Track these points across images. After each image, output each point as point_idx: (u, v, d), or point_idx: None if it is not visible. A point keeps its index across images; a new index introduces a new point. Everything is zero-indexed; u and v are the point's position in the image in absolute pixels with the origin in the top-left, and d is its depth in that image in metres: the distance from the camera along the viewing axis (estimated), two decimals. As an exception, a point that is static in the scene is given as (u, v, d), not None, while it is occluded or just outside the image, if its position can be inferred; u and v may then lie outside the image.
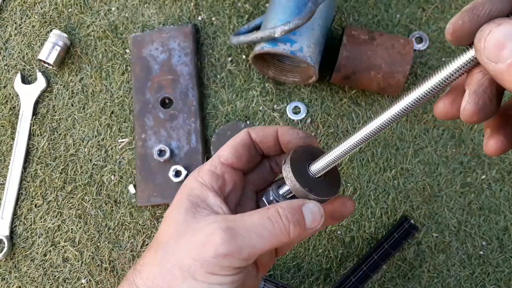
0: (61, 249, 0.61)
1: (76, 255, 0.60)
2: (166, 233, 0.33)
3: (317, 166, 0.34)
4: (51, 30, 0.64)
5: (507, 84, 0.23)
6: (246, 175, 0.39)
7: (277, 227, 0.31)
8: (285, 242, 0.32)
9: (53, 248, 0.61)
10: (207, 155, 0.61)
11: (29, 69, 0.65)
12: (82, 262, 0.60)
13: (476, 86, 0.26)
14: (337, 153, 0.32)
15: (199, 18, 0.66)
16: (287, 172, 0.33)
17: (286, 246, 0.41)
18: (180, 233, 0.32)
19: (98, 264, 0.60)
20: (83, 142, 0.63)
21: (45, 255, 0.61)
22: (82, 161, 0.63)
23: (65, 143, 0.63)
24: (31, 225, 0.62)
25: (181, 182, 0.59)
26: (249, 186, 0.39)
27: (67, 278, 0.60)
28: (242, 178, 0.38)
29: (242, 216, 0.32)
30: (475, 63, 0.25)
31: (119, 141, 0.63)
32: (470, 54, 0.25)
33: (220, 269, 0.30)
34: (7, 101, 0.65)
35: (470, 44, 0.25)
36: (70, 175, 0.62)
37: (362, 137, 0.30)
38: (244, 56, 0.64)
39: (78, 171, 0.62)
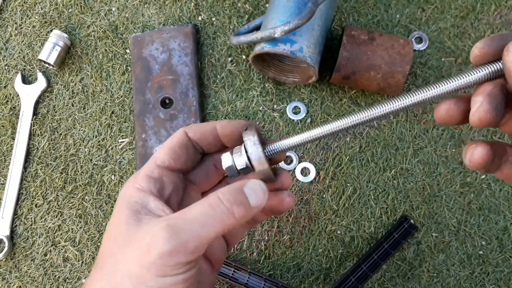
0: (62, 249, 0.61)
1: (76, 255, 0.61)
2: (110, 247, 0.32)
3: (274, 147, 0.34)
4: (51, 30, 0.64)
5: None
6: (188, 176, 0.38)
7: (220, 212, 0.30)
8: (231, 225, 0.30)
9: (53, 248, 0.61)
10: (207, 155, 0.61)
11: (30, 69, 0.66)
12: (82, 262, 0.60)
13: (489, 92, 0.28)
14: (298, 139, 0.33)
15: (199, 18, 0.66)
16: (246, 143, 0.33)
17: (236, 234, 0.40)
18: (124, 243, 0.31)
19: (99, 264, 0.60)
20: (83, 142, 0.63)
21: (45, 255, 0.61)
22: (83, 161, 0.63)
23: (66, 143, 0.63)
24: (31, 225, 0.62)
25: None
26: (193, 187, 0.38)
27: (67, 278, 0.60)
28: (182, 179, 0.37)
29: (183, 211, 0.31)
30: (497, 75, 0.29)
31: (120, 141, 0.63)
32: (496, 66, 0.29)
33: (170, 269, 0.29)
34: (7, 101, 0.65)
35: (494, 60, 0.29)
36: (70, 175, 0.62)
37: (333, 128, 0.32)
38: (244, 56, 0.64)
39: (78, 171, 0.62)
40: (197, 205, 0.31)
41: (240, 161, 0.33)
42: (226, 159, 0.34)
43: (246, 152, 0.33)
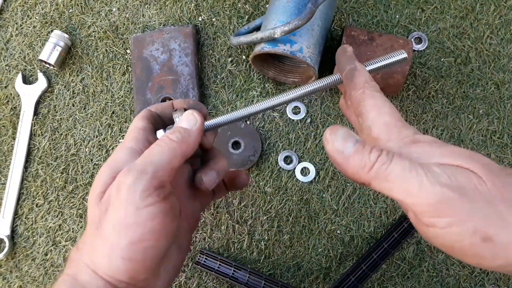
0: (62, 249, 0.61)
1: (77, 254, 0.61)
2: (90, 208, 0.35)
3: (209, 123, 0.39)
4: (52, 31, 0.65)
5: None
6: None
7: (163, 142, 0.35)
8: (177, 148, 0.35)
9: (54, 248, 0.61)
10: (207, 155, 0.62)
11: (30, 70, 0.66)
12: (83, 262, 0.60)
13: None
14: (227, 117, 0.39)
15: (200, 18, 0.66)
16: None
17: (204, 198, 0.44)
18: (100, 201, 0.34)
19: (99, 264, 0.60)
20: (84, 142, 0.63)
21: (46, 254, 0.61)
22: (83, 161, 0.63)
23: (66, 143, 0.64)
24: (32, 224, 0.62)
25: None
26: None
27: (68, 278, 0.60)
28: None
29: (141, 156, 0.35)
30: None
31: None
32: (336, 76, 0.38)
33: (141, 198, 0.32)
34: (8, 101, 0.65)
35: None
36: (71, 175, 0.63)
37: (252, 110, 0.39)
38: (244, 57, 0.65)
39: (79, 171, 0.63)
40: (147, 149, 0.36)
41: None
42: (160, 135, 0.38)
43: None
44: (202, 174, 0.39)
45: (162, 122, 0.41)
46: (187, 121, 0.37)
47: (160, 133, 0.38)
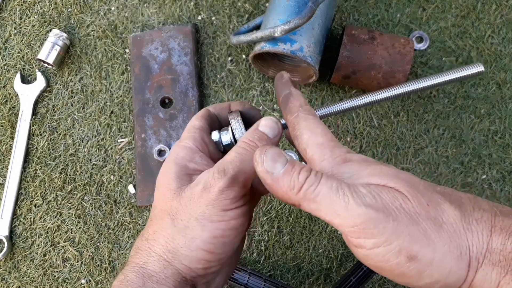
0: (61, 249, 0.61)
1: (75, 255, 0.60)
2: (164, 202, 0.36)
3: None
4: (50, 30, 0.64)
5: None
6: None
7: (250, 148, 0.35)
8: None
9: (52, 248, 0.61)
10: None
11: (29, 69, 0.65)
12: (81, 262, 0.60)
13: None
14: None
15: (199, 17, 0.66)
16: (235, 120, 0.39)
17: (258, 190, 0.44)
18: (178, 196, 0.35)
19: (98, 264, 0.60)
20: (82, 142, 0.63)
21: (44, 255, 0.61)
22: (82, 161, 0.62)
23: (65, 143, 0.63)
24: (30, 225, 0.61)
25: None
26: None
27: (66, 278, 0.60)
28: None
29: (223, 159, 0.36)
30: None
31: (119, 141, 0.63)
32: None
33: (230, 203, 0.34)
34: (6, 101, 0.65)
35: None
36: (69, 175, 0.62)
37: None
38: (244, 56, 0.64)
39: (77, 171, 0.62)
40: (230, 152, 0.36)
41: (226, 138, 0.39)
42: (214, 136, 0.39)
43: (232, 130, 0.38)
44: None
45: (219, 122, 0.41)
46: (271, 128, 0.37)
47: (214, 134, 0.39)
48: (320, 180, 0.29)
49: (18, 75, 0.64)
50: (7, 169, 0.62)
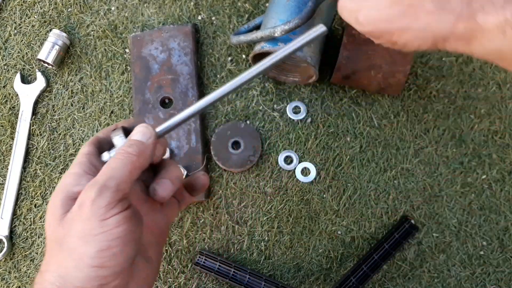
0: (61, 249, 0.61)
1: (75, 255, 0.60)
2: (52, 230, 0.37)
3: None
4: (50, 30, 0.64)
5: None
6: None
7: (121, 157, 0.37)
8: (136, 161, 0.37)
9: (52, 248, 0.61)
10: (206, 155, 0.61)
11: (29, 69, 0.65)
12: (81, 262, 0.60)
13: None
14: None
15: (199, 17, 0.66)
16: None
17: (170, 210, 0.45)
18: (63, 221, 0.36)
19: (98, 264, 0.60)
20: (82, 142, 0.63)
21: (44, 255, 0.61)
22: (82, 161, 0.62)
23: (65, 143, 0.63)
24: (30, 225, 0.61)
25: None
26: None
27: (66, 278, 0.60)
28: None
29: (101, 171, 0.37)
30: None
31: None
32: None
33: (105, 211, 0.34)
34: (6, 101, 0.65)
35: None
36: (69, 175, 0.62)
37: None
38: (244, 56, 0.64)
39: (77, 171, 0.62)
40: (105, 164, 0.37)
41: (113, 155, 0.39)
42: (104, 157, 0.40)
43: (115, 147, 0.39)
44: (155, 184, 0.41)
45: (110, 145, 0.41)
46: (142, 133, 0.39)
47: (105, 155, 0.40)
48: None
49: (18, 75, 0.64)
50: (7, 169, 0.62)
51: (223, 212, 0.61)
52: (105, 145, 0.41)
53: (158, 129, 0.40)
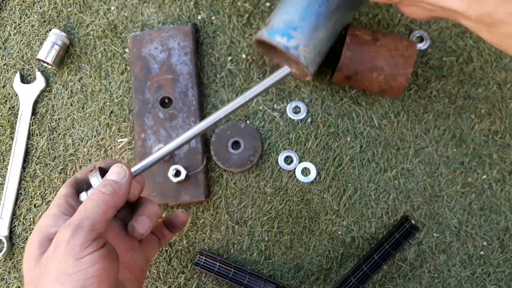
0: (61, 249, 0.61)
1: (75, 255, 0.60)
2: (28, 272, 0.37)
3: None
4: (50, 30, 0.64)
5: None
6: None
7: (96, 197, 0.38)
8: (110, 201, 0.38)
9: (52, 248, 0.61)
10: (206, 155, 0.61)
11: (28, 69, 0.65)
12: (81, 263, 0.60)
13: None
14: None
15: (199, 17, 0.65)
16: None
17: (149, 247, 0.47)
18: (39, 262, 0.36)
19: (98, 265, 0.60)
20: (82, 141, 0.63)
21: (44, 255, 0.61)
22: (82, 161, 0.62)
23: (64, 143, 0.63)
24: (30, 225, 0.61)
25: (181, 182, 0.59)
26: None
27: (66, 279, 0.60)
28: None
29: (76, 212, 0.38)
30: None
31: (119, 140, 0.63)
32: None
33: (80, 250, 0.34)
34: (6, 100, 0.64)
35: None
36: (69, 175, 0.62)
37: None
38: (244, 56, 0.64)
39: (77, 171, 0.62)
40: (81, 205, 0.38)
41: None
42: (82, 197, 0.41)
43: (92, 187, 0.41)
44: (133, 221, 0.42)
45: (88, 185, 0.42)
46: (117, 173, 0.40)
47: (83, 195, 0.41)
48: None
49: (17, 75, 0.64)
50: (7, 169, 0.62)
51: (223, 212, 0.61)
52: (83, 185, 0.42)
53: (134, 168, 0.41)
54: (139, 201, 0.44)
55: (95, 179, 0.40)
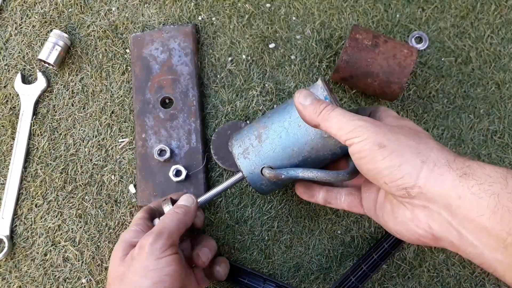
0: (62, 249, 0.61)
1: (76, 254, 0.60)
2: (114, 268, 0.47)
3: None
4: (51, 30, 0.64)
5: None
6: None
7: (170, 215, 0.49)
8: (182, 218, 0.49)
9: (53, 248, 0.61)
10: (207, 154, 0.61)
11: (30, 69, 0.66)
12: (82, 262, 0.60)
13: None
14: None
15: (199, 18, 0.66)
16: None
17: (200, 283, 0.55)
18: (124, 261, 0.46)
19: (99, 264, 0.60)
20: (83, 142, 0.63)
21: (45, 254, 0.61)
22: (83, 161, 0.63)
23: (66, 143, 0.63)
24: (31, 225, 0.62)
25: (181, 181, 0.59)
26: None
27: (67, 278, 0.60)
28: None
29: (157, 224, 0.50)
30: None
31: (120, 141, 0.63)
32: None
33: (160, 252, 0.44)
34: (7, 101, 0.65)
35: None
36: (70, 175, 0.62)
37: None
38: (244, 56, 0.64)
39: (78, 171, 0.62)
40: (159, 221, 0.50)
41: None
42: (156, 222, 0.51)
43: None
44: (198, 250, 0.51)
45: (159, 213, 0.52)
46: (186, 200, 0.51)
47: (156, 220, 0.51)
48: (334, 109, 0.43)
49: (18, 75, 0.64)
50: (8, 169, 0.62)
51: (223, 212, 0.61)
52: (156, 213, 0.53)
53: (199, 199, 0.52)
54: (199, 238, 0.54)
55: (167, 207, 0.50)
